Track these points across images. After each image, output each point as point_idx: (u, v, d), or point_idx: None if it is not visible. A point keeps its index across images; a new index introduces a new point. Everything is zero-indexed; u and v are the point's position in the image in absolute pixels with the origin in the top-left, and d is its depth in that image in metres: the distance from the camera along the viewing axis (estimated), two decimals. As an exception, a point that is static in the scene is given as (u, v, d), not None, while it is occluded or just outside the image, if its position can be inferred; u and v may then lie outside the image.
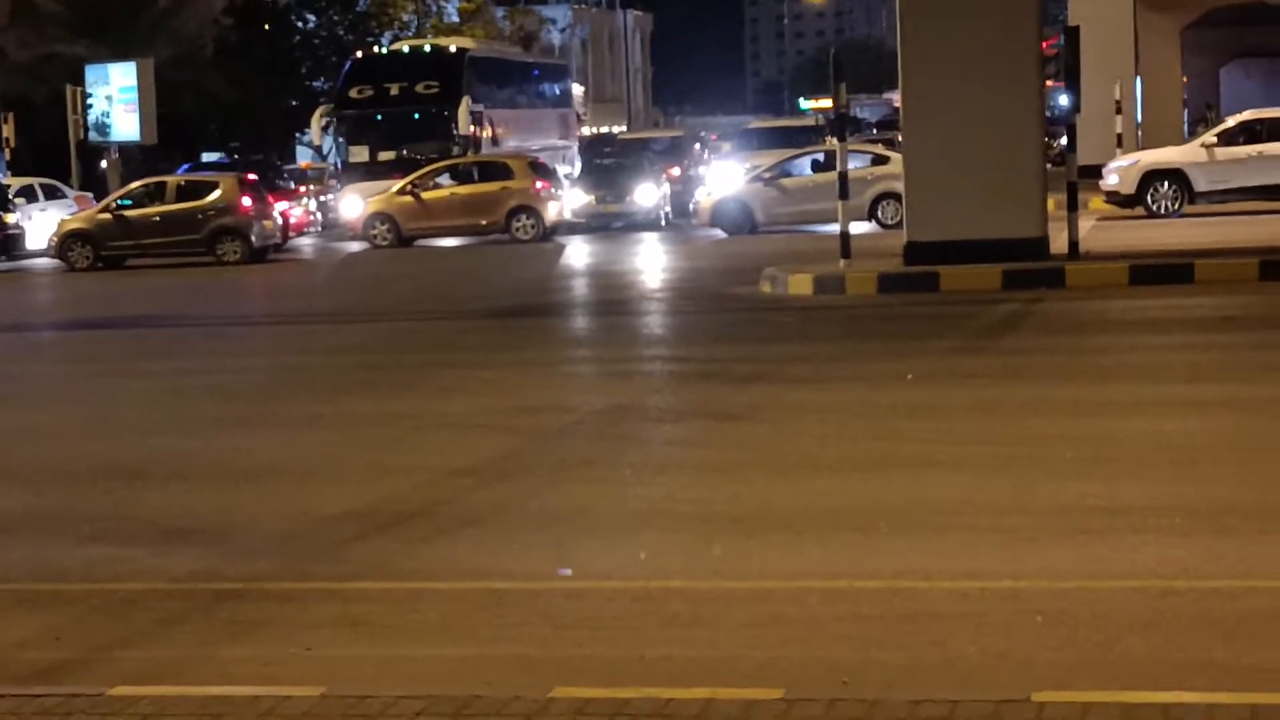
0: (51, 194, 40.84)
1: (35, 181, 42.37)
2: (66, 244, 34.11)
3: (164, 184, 35.91)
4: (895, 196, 30.30)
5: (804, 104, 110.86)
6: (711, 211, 34.66)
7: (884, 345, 16.43)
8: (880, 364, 14.80)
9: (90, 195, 44.58)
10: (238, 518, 9.50)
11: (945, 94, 22.12)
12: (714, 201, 34.92)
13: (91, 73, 54.03)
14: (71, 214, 36.89)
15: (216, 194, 34.02)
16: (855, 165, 34.06)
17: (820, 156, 35.30)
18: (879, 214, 32.45)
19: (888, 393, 13.03)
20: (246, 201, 33.75)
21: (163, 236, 33.82)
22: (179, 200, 34.36)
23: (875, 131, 61.95)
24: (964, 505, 8.99)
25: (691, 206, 37.34)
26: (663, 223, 38.81)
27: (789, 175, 34.97)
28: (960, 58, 21.98)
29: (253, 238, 33.56)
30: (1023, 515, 8.70)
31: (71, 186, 46.36)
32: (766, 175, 35.17)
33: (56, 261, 34.34)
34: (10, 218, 36.37)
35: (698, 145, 52.96)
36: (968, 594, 7.30)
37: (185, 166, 45.18)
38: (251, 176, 37.17)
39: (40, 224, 37.67)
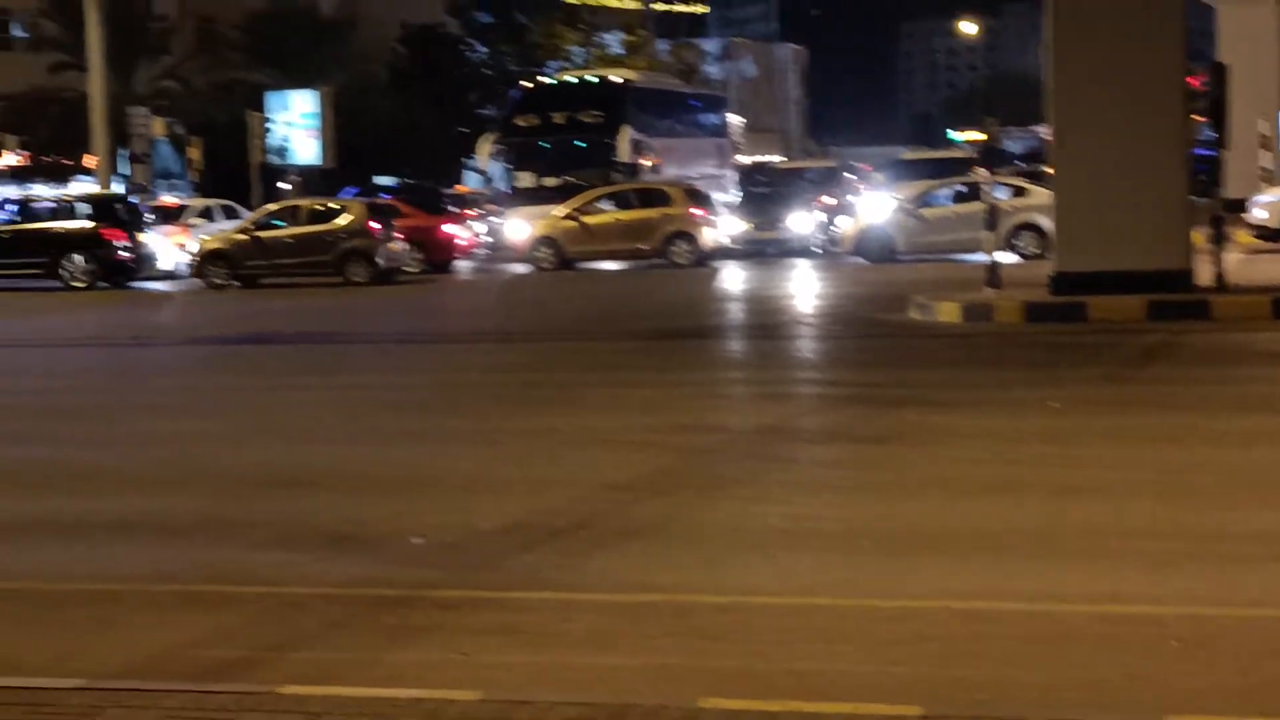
0: (230, 215, 41.55)
1: (214, 203, 43.17)
2: (206, 263, 34.85)
3: (297, 208, 36.57)
4: (1033, 228, 30.12)
5: (953, 136, 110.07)
6: (854, 240, 34.76)
7: (1030, 373, 16.28)
8: (1026, 391, 14.67)
9: None
10: (402, 526, 9.59)
11: (1093, 128, 21.93)
12: (857, 230, 35.01)
13: (272, 99, 54.86)
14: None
15: (346, 218, 34.56)
16: (997, 197, 33.96)
17: (961, 187, 35.22)
18: (1017, 244, 32.18)
19: (1033, 419, 12.92)
20: (374, 225, 34.29)
21: (295, 257, 34.41)
22: (311, 223, 34.94)
23: (1023, 164, 61.38)
24: (1104, 530, 8.88)
25: (835, 234, 37.34)
26: (815, 250, 38.76)
27: (930, 205, 34.86)
28: (1108, 93, 21.79)
29: (379, 260, 34.05)
30: (1163, 541, 8.59)
31: (250, 208, 47.10)
32: (908, 205, 35.10)
33: (196, 280, 34.97)
34: (142, 237, 37.06)
35: (849, 175, 52.76)
36: (1106, 617, 7.22)
37: (353, 190, 45.72)
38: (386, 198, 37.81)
39: None
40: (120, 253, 36.18)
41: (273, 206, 38.20)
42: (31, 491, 11.26)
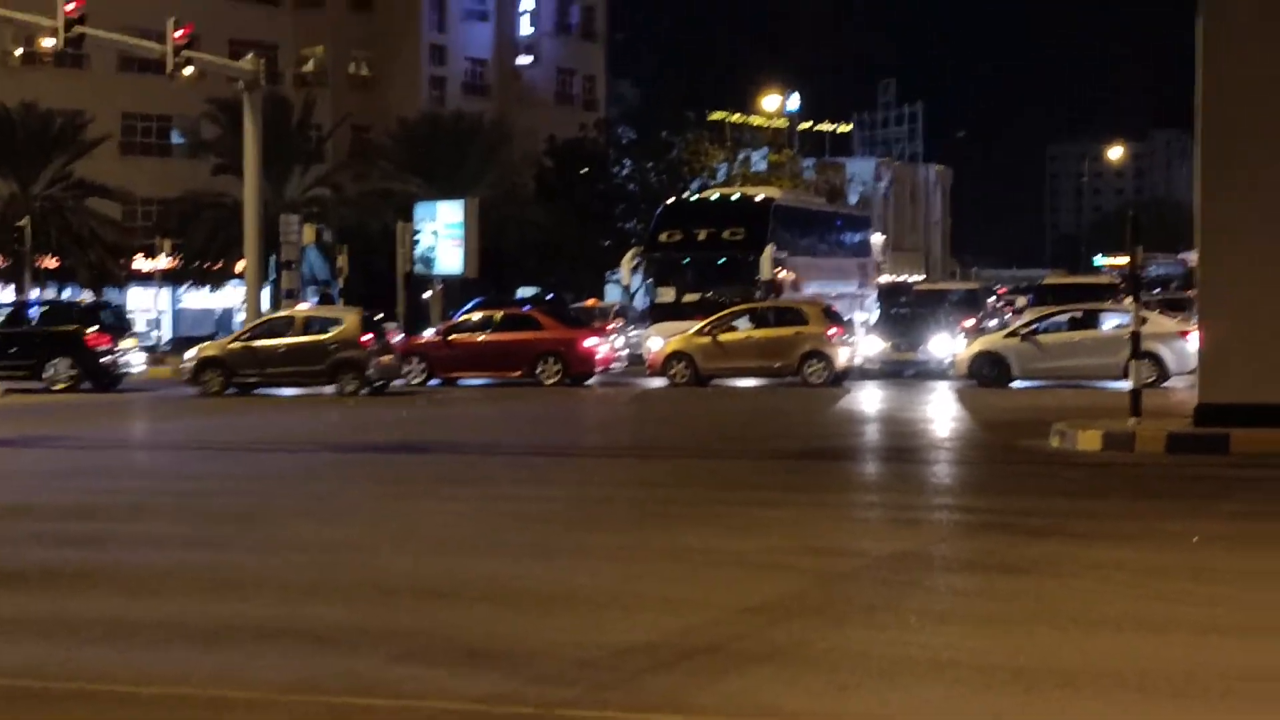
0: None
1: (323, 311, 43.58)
2: (201, 370, 35.47)
3: (294, 317, 37.30)
4: (1151, 355, 29.85)
5: (1099, 260, 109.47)
6: (969, 362, 34.89)
7: (1172, 505, 16.09)
8: (1167, 524, 14.49)
9: (397, 326, 45.97)
10: (537, 642, 9.64)
11: (1241, 256, 21.76)
12: (971, 354, 35.13)
13: (420, 209, 55.66)
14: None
15: (338, 329, 35.06)
16: (1115, 324, 34.09)
17: (1078, 314, 35.50)
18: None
19: (1173, 553, 12.77)
20: (366, 338, 34.79)
21: (288, 366, 35.00)
22: (306, 333, 35.47)
23: (1159, 291, 60.87)
24: (1247, 672, 8.75)
25: (948, 359, 37.37)
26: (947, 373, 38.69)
27: (1047, 331, 34.94)
28: (1257, 220, 21.64)
29: (369, 371, 34.45)
30: (1306, 686, 8.45)
31: (397, 316, 47.82)
32: (1024, 331, 35.23)
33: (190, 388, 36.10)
34: (125, 344, 38.31)
35: (991, 298, 52.66)
36: (1247, 763, 7.12)
37: (475, 302, 46.20)
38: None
39: None
40: (104, 358, 37.07)
41: (266, 318, 39.20)
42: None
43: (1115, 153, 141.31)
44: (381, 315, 42.16)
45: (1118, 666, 8.95)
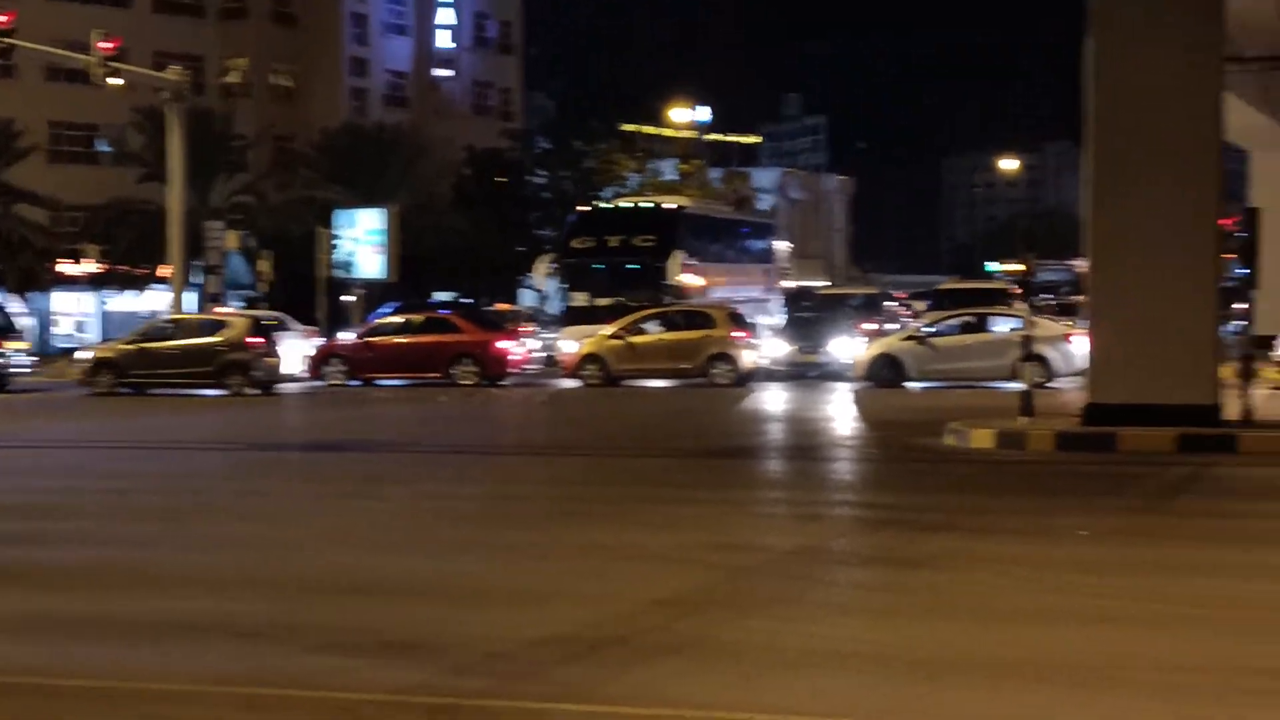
0: (280, 326, 41.82)
1: (266, 314, 43.14)
2: (94, 371, 35.38)
3: (185, 320, 37.51)
4: (1038, 358, 30.18)
5: (991, 267, 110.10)
6: (867, 365, 35.21)
7: (1061, 501, 16.18)
8: (1056, 519, 14.58)
9: (314, 329, 45.76)
10: (453, 635, 9.57)
11: (1128, 265, 21.96)
12: (870, 357, 35.47)
13: (341, 216, 55.41)
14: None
15: (227, 332, 35.28)
16: (1005, 328, 34.52)
17: (970, 319, 35.87)
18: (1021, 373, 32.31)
19: (1063, 547, 12.84)
20: (252, 340, 35.00)
21: (178, 367, 35.07)
22: (196, 336, 35.60)
23: (1053, 296, 61.41)
24: (1132, 660, 8.80)
25: (848, 360, 37.60)
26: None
27: (940, 335, 35.27)
28: (1144, 231, 21.86)
29: (256, 373, 34.68)
30: (1187, 673, 8.50)
31: (318, 319, 47.56)
32: (919, 334, 35.56)
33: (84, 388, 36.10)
34: (11, 345, 37.78)
35: (890, 302, 52.93)
36: (1134, 748, 7.14)
37: (393, 305, 46.06)
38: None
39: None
40: None
41: (155, 322, 39.21)
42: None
43: (1008, 164, 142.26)
44: (278, 320, 41.93)
45: (1011, 656, 8.98)
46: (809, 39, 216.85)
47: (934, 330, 35.73)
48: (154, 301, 66.84)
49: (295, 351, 40.72)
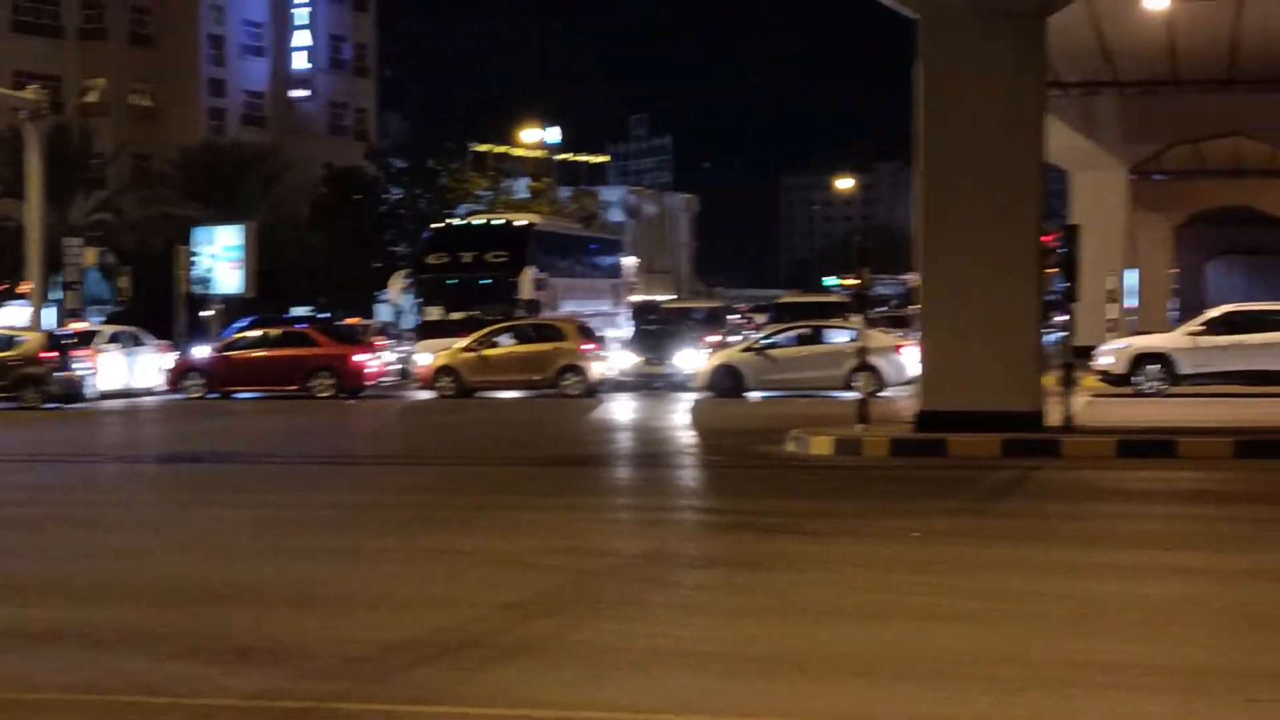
0: (137, 341, 41.15)
1: (123, 329, 42.27)
2: None
3: None
4: (870, 368, 30.59)
5: (830, 281, 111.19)
6: (708, 376, 35.47)
7: (894, 504, 16.37)
8: (890, 521, 14.74)
9: (170, 343, 45.11)
10: (307, 640, 9.48)
11: (956, 278, 22.27)
12: (710, 367, 35.74)
13: (199, 233, 54.70)
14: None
15: (22, 346, 35.12)
16: (840, 339, 35.03)
17: (806, 331, 36.27)
18: (855, 384, 32.58)
19: (896, 548, 12.98)
20: (47, 354, 34.78)
21: None
22: None
23: (891, 307, 62.22)
24: (961, 655, 8.92)
25: (689, 371, 37.76)
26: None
27: (777, 346, 35.60)
28: (970, 247, 22.19)
29: (51, 386, 34.67)
30: (1014, 667, 8.63)
31: (177, 333, 46.92)
32: (757, 346, 35.86)
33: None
34: None
35: (732, 315, 53.20)
36: (962, 739, 7.24)
37: (246, 320, 45.50)
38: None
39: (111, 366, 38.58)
40: None
41: None
42: (-44, 601, 11.03)
43: (844, 183, 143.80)
44: (134, 334, 41.19)
45: (845, 652, 9.07)
46: (658, 58, 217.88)
47: (771, 342, 36.02)
48: (13, 318, 65.49)
49: (150, 365, 40.16)
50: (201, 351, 41.49)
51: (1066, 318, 24.09)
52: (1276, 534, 14.18)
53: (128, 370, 39.58)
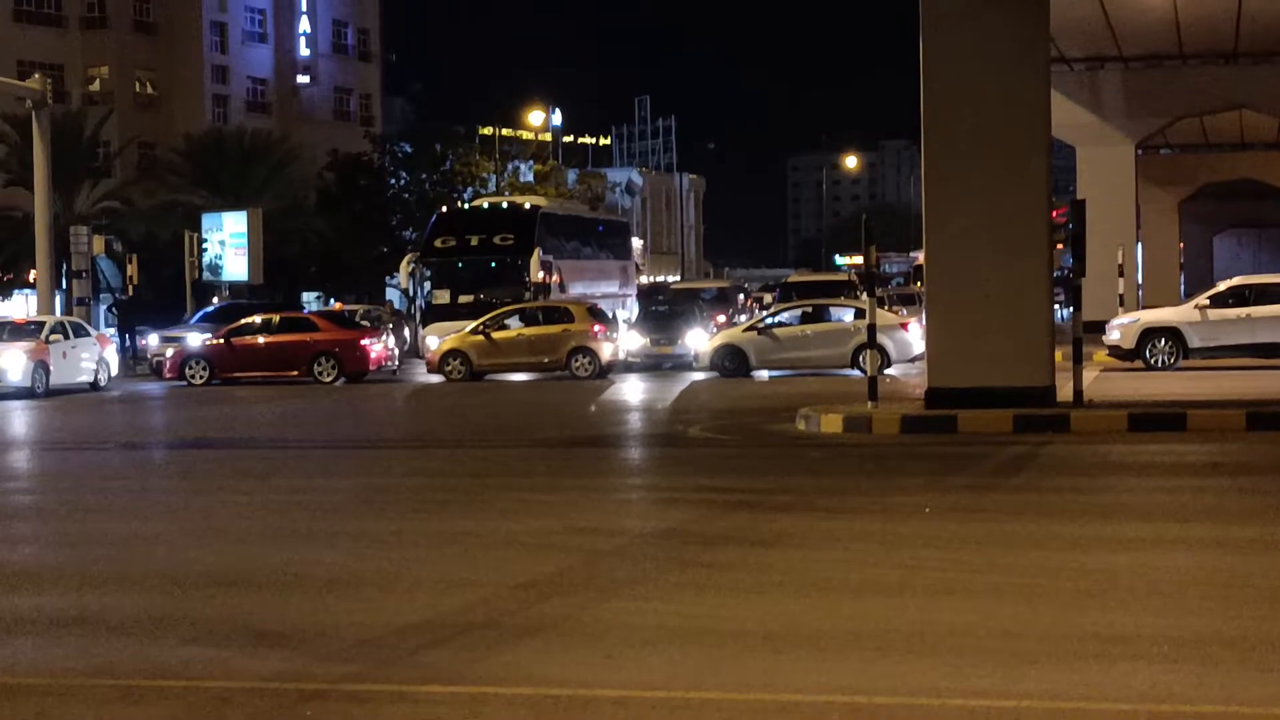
0: (79, 331, 39.10)
1: (62, 319, 39.91)
2: None
3: None
4: (876, 346, 30.62)
5: (838, 260, 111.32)
6: (710, 356, 35.43)
7: (906, 481, 16.39)
8: (902, 498, 14.77)
9: (109, 334, 44.68)
10: (322, 623, 9.53)
11: (964, 254, 22.26)
12: (714, 348, 35.68)
13: (206, 220, 54.72)
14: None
15: None
16: (843, 318, 35.03)
17: (809, 309, 36.24)
18: (861, 362, 32.54)
19: (908, 524, 13.02)
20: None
21: None
22: None
23: (896, 285, 62.24)
24: (974, 629, 8.95)
25: (694, 352, 37.70)
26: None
27: (781, 326, 35.57)
28: (978, 223, 22.15)
29: None
30: (1027, 640, 8.67)
31: (186, 320, 46.90)
32: (762, 325, 35.83)
33: None
34: None
35: (741, 295, 53.17)
36: (975, 712, 7.27)
37: (210, 309, 45.24)
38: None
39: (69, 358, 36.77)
40: None
41: None
42: (-29, 589, 11.08)
43: (851, 162, 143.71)
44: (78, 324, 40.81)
45: (858, 628, 9.10)
46: (661, 41, 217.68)
47: (775, 321, 35.98)
48: (22, 307, 65.61)
49: (88, 357, 37.24)
50: (153, 340, 41.52)
51: (1075, 293, 24.07)
52: (1287, 505, 14.19)
53: (67, 363, 36.44)
